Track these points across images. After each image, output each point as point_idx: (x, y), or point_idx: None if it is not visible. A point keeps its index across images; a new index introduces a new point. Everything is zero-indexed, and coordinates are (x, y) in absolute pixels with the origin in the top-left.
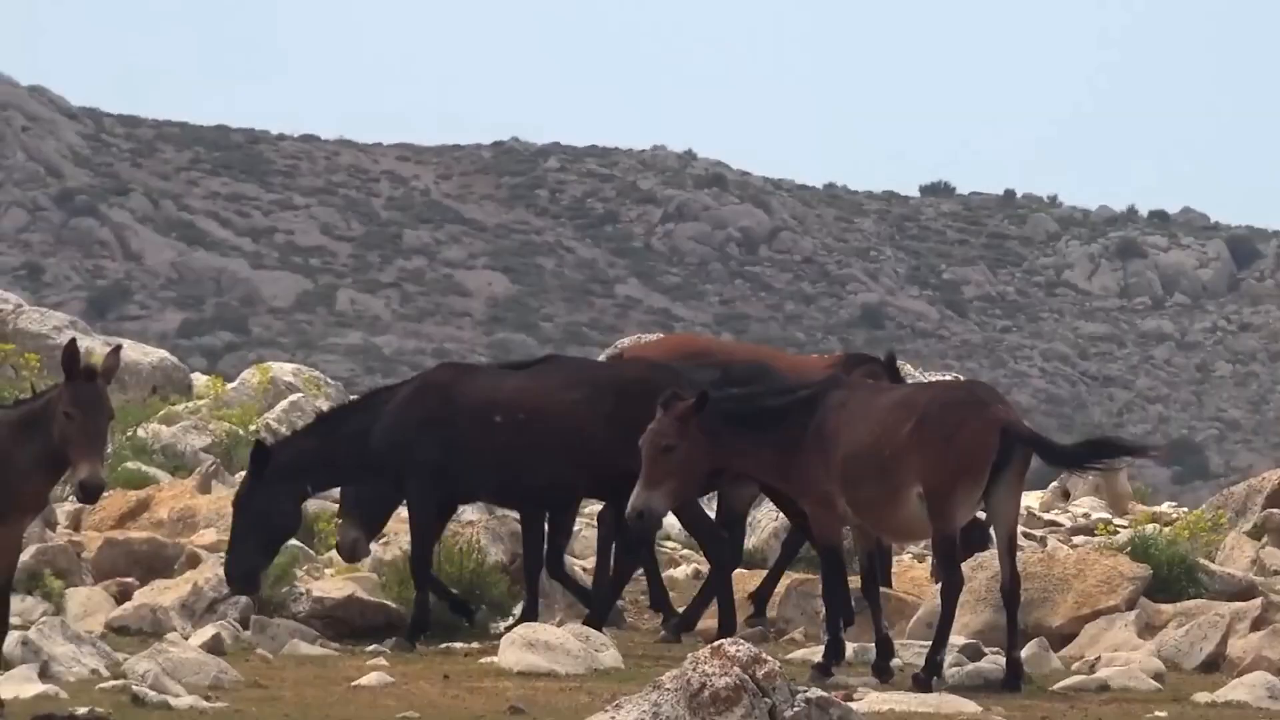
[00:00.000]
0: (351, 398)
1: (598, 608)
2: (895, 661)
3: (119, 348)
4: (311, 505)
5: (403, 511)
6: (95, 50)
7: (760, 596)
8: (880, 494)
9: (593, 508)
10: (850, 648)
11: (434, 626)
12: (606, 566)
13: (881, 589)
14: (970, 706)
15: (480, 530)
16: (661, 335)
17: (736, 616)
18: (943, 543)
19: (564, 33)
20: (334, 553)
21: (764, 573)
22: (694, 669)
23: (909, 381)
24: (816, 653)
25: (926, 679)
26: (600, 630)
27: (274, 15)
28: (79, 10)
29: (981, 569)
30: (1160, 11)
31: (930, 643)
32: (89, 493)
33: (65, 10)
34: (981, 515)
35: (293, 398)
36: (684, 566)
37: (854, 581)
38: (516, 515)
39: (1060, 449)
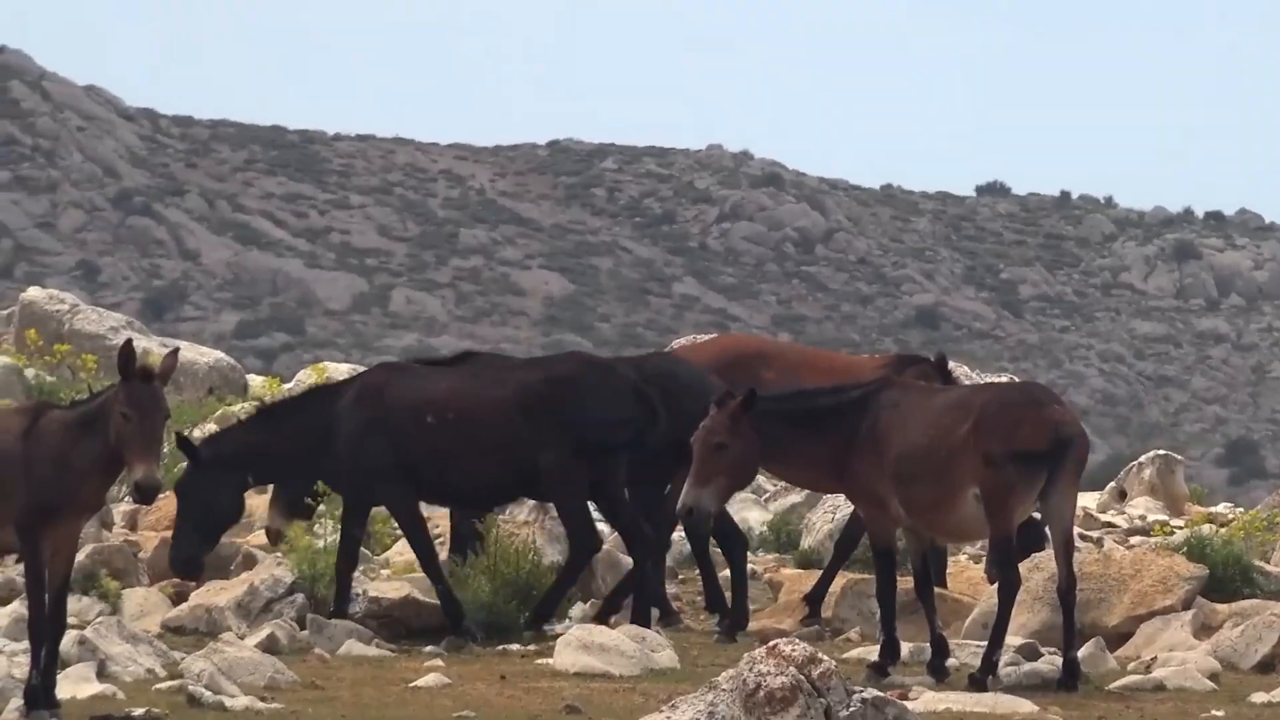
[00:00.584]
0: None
1: (547, 603)
2: (951, 661)
3: (176, 350)
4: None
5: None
6: (151, 50)
7: (814, 597)
8: (936, 494)
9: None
10: (906, 648)
11: (490, 628)
12: (662, 566)
13: (937, 589)
14: (1026, 706)
15: (537, 530)
16: (714, 336)
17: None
18: (1000, 543)
19: (620, 32)
20: (390, 554)
21: (819, 573)
22: (749, 669)
23: (960, 382)
24: (872, 652)
25: (982, 679)
26: (547, 620)
27: (330, 14)
28: (135, 11)
29: (1038, 569)
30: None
31: (986, 643)
32: (145, 493)
33: (121, 11)
34: (1037, 516)
35: None
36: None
37: (906, 582)
38: None
39: None
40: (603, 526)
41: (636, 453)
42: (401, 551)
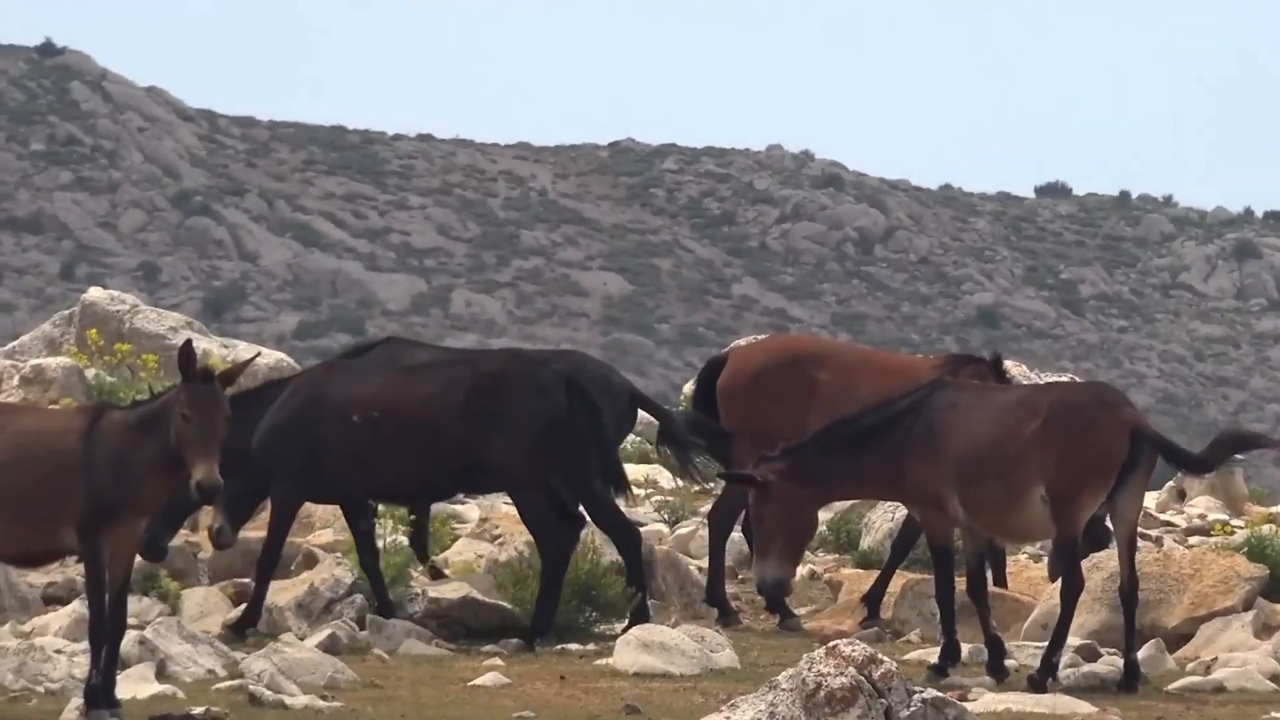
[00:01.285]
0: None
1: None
2: (1010, 662)
3: (255, 356)
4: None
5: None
6: (211, 51)
7: (872, 598)
8: (1000, 494)
9: (704, 507)
10: (965, 648)
11: (553, 628)
12: (721, 566)
13: (997, 590)
14: (1085, 707)
15: (595, 530)
16: (769, 336)
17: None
18: (1065, 544)
19: (680, 32)
20: (449, 554)
21: (878, 574)
22: (810, 669)
23: (1018, 382)
24: (932, 653)
25: (1042, 680)
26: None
27: (390, 15)
28: (196, 11)
29: (1097, 569)
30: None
31: (1046, 644)
32: (205, 494)
33: (182, 11)
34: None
35: None
36: (799, 567)
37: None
38: (632, 516)
39: (1188, 455)
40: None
41: (566, 447)
42: (460, 551)
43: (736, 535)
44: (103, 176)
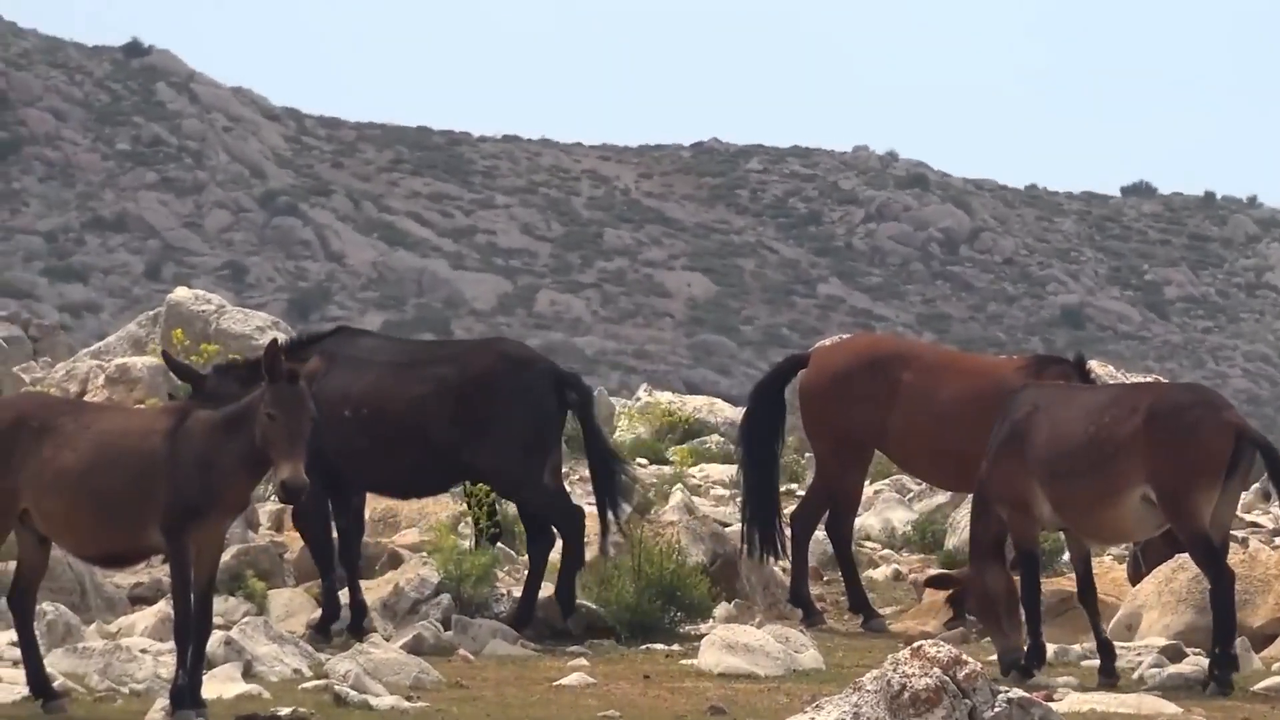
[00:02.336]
0: None
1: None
2: (1092, 662)
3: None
4: (511, 506)
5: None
6: (297, 51)
7: (958, 599)
8: (1093, 492)
9: (788, 508)
10: (1050, 649)
11: (634, 628)
12: (804, 567)
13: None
14: (1170, 707)
15: (681, 531)
16: (852, 335)
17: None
18: (1195, 542)
19: (765, 33)
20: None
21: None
22: (894, 670)
23: (1102, 383)
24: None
25: (1226, 677)
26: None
27: (476, 15)
28: (281, 11)
29: (1182, 570)
30: None
31: (1130, 644)
32: (291, 494)
33: (268, 12)
34: None
35: None
36: (883, 567)
37: (1049, 584)
38: (718, 516)
39: None
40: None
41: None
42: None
43: (820, 535)
44: (188, 176)
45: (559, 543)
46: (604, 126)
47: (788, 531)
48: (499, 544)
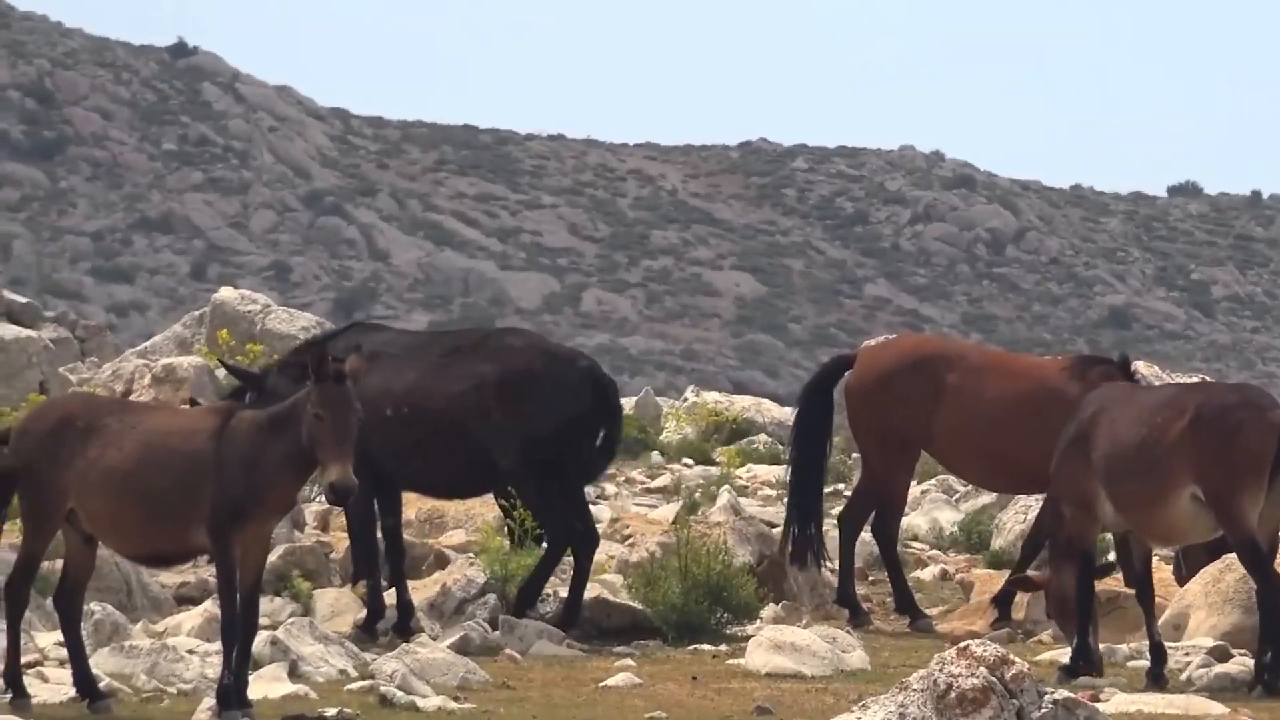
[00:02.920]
0: None
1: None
2: (1139, 663)
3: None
4: None
5: (652, 514)
6: (342, 51)
7: (1004, 598)
8: (1146, 492)
9: (835, 508)
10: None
11: (681, 628)
12: (851, 567)
13: (1127, 591)
14: (1217, 708)
15: (727, 531)
16: (897, 336)
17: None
18: (1242, 543)
19: (810, 33)
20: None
21: (1008, 574)
22: (941, 670)
23: (1148, 383)
24: (1064, 654)
25: (1274, 679)
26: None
27: (521, 14)
28: (327, 12)
29: (1229, 570)
30: None
31: (1177, 644)
32: (339, 494)
33: (313, 12)
34: None
35: None
36: (931, 567)
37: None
38: (764, 517)
39: None
40: None
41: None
42: None
43: (866, 536)
44: (234, 177)
45: (601, 544)
46: (650, 126)
47: (834, 533)
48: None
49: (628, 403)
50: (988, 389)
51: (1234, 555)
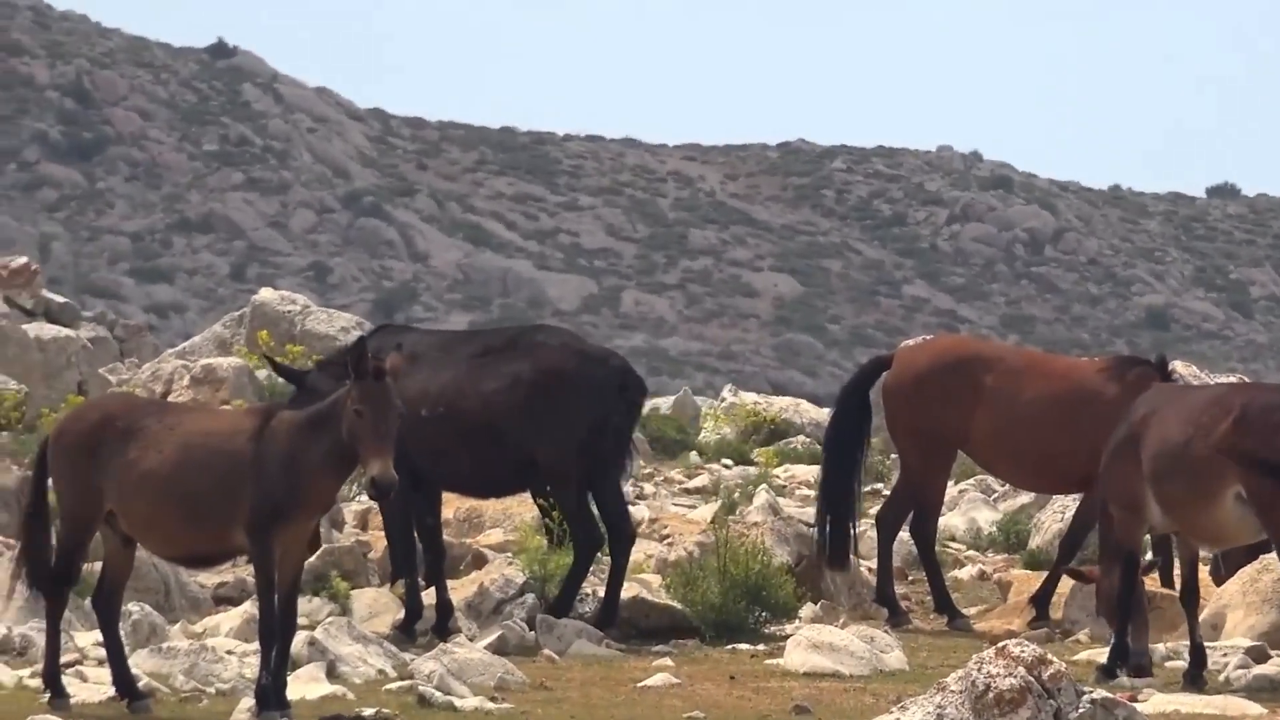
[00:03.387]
0: None
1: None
2: (1177, 663)
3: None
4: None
5: (691, 514)
6: (381, 52)
7: (1039, 599)
8: (1191, 492)
9: (873, 508)
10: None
11: (719, 628)
12: (889, 566)
13: (1165, 591)
14: (1255, 709)
15: (765, 531)
16: (932, 337)
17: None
18: None
19: (849, 34)
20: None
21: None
22: (979, 670)
23: (1185, 383)
24: (1102, 654)
25: None
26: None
27: (560, 16)
28: (365, 12)
29: (1267, 570)
30: None
31: (1215, 644)
32: (380, 489)
33: (352, 13)
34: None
35: None
36: (968, 567)
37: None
38: (803, 517)
39: None
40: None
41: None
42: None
43: (905, 535)
44: (273, 177)
45: (640, 543)
46: (689, 127)
47: (872, 534)
48: None
49: (665, 402)
50: (1025, 390)
51: (1272, 555)
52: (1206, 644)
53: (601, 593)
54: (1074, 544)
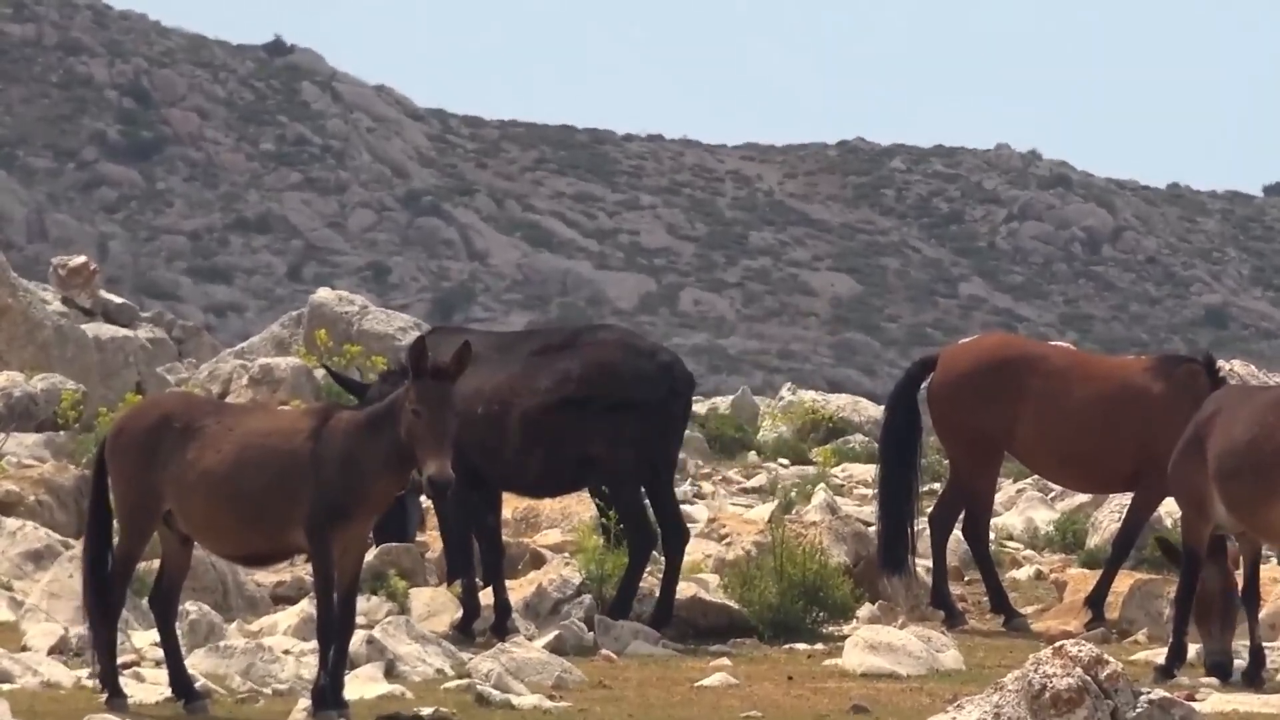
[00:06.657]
0: None
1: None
2: (1237, 662)
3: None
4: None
5: (748, 514)
6: (441, 50)
7: (1095, 599)
8: (1256, 491)
9: (927, 508)
10: (1192, 649)
11: (777, 628)
12: (944, 567)
13: None
14: None
15: (823, 531)
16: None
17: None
18: None
19: (907, 33)
20: None
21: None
22: (1035, 670)
23: (1238, 382)
24: (1159, 654)
25: None
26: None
27: (619, 13)
28: (425, 11)
29: None
30: None
31: (1272, 644)
32: (437, 488)
33: (411, 11)
34: None
35: None
36: (1026, 568)
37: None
38: (861, 516)
39: None
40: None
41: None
42: (688, 551)
43: (958, 534)
44: (331, 176)
45: (697, 543)
46: (747, 127)
47: (927, 534)
48: None
49: (724, 401)
50: (1069, 390)
51: None
52: (1266, 644)
53: (659, 592)
54: (1127, 543)
